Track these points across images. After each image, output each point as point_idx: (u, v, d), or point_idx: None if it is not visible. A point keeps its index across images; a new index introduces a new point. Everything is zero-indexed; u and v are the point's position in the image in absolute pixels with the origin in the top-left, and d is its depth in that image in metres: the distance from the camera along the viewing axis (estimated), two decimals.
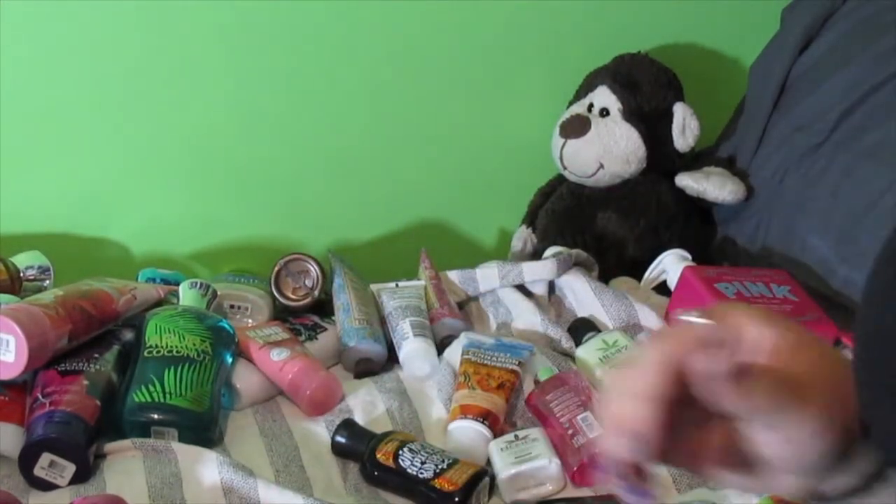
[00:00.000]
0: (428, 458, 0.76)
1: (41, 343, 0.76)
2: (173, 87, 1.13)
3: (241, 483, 0.73)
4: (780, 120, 1.14)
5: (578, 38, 1.25)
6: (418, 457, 0.76)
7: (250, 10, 1.11)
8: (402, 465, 0.76)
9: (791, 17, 1.21)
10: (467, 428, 0.82)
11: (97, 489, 0.73)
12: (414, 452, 0.77)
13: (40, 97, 1.10)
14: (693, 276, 0.96)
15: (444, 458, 0.77)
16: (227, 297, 1.01)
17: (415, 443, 0.79)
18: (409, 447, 0.77)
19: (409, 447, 0.77)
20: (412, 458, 0.76)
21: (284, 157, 1.21)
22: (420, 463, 0.76)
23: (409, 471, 0.76)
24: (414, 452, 0.77)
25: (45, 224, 1.15)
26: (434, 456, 0.77)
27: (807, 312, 0.90)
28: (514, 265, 1.05)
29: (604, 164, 1.15)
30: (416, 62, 1.21)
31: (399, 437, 0.80)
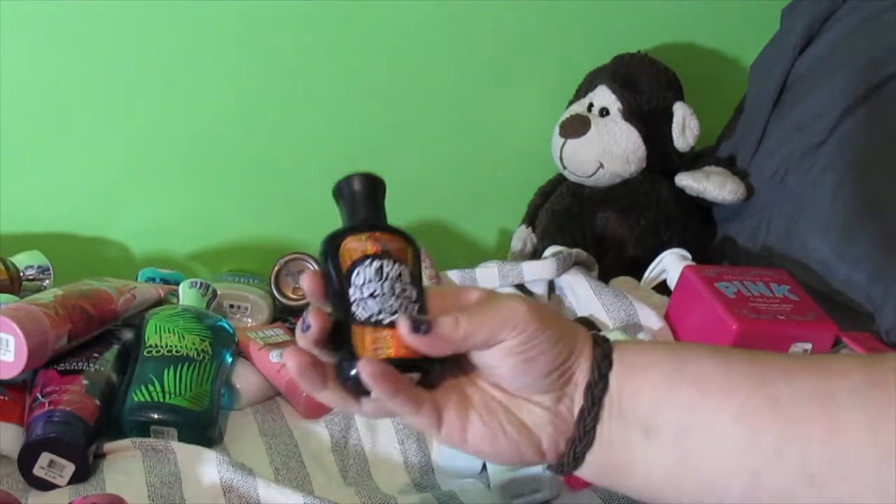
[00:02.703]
0: (385, 293, 0.51)
1: (41, 343, 0.76)
2: (173, 87, 1.13)
3: (240, 482, 0.73)
4: (780, 120, 1.14)
5: (578, 38, 1.25)
6: (375, 285, 0.51)
7: (250, 10, 1.11)
8: (350, 281, 0.52)
9: (791, 17, 1.21)
10: None
11: (97, 489, 0.73)
12: (379, 275, 0.51)
13: (40, 97, 1.10)
14: (693, 275, 0.96)
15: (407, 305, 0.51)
16: (227, 297, 1.01)
17: (399, 264, 0.52)
18: (382, 263, 0.52)
19: (381, 262, 0.52)
20: (367, 280, 0.51)
21: (284, 156, 1.21)
22: (369, 293, 0.51)
23: (351, 295, 0.51)
24: (379, 275, 0.51)
25: (45, 224, 1.15)
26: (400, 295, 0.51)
27: (807, 312, 0.90)
28: (514, 265, 1.05)
29: (604, 163, 1.15)
30: (416, 62, 1.21)
31: (385, 240, 0.53)
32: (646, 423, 0.48)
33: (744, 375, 0.47)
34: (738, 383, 0.46)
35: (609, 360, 0.49)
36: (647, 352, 0.51)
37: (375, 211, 0.55)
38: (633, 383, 0.49)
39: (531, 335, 0.48)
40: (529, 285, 1.05)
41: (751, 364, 0.47)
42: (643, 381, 0.49)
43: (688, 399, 0.47)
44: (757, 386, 0.46)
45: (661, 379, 0.48)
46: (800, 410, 0.44)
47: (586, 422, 0.49)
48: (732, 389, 0.46)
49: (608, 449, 0.50)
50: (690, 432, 0.47)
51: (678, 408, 0.47)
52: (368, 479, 0.81)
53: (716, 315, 0.89)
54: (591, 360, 0.50)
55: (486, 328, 0.48)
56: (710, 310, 0.90)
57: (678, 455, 0.47)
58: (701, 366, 0.48)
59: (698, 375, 0.48)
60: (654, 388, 0.48)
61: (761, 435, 0.45)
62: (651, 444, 0.48)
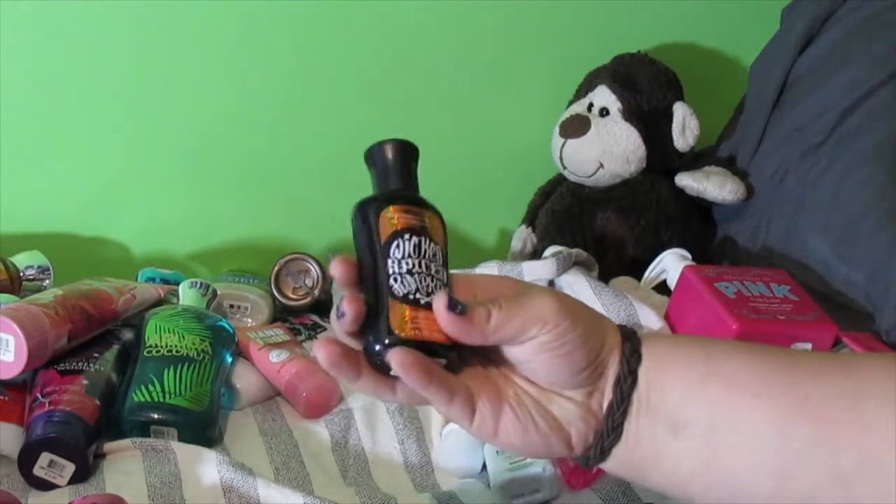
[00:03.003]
0: (422, 271, 0.50)
1: (41, 343, 0.76)
2: (173, 88, 1.13)
3: (240, 482, 0.73)
4: (780, 120, 1.14)
5: (578, 38, 1.25)
6: (413, 260, 0.50)
7: (250, 10, 1.11)
8: (389, 253, 0.50)
9: (791, 17, 1.21)
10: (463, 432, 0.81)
11: (97, 489, 0.73)
12: (417, 251, 0.50)
13: (40, 97, 1.10)
14: (693, 275, 0.96)
15: (441, 286, 0.50)
16: (227, 297, 1.01)
17: (434, 243, 0.52)
18: (421, 239, 0.51)
19: (420, 238, 0.51)
20: (406, 254, 0.50)
21: (284, 156, 1.21)
22: (407, 269, 0.49)
23: (389, 267, 0.49)
24: (417, 251, 0.50)
25: (45, 224, 1.15)
26: (435, 276, 0.50)
27: (807, 312, 0.90)
28: (514, 265, 1.05)
29: (604, 163, 1.15)
30: (416, 62, 1.21)
31: (424, 216, 0.53)
32: (674, 419, 0.48)
33: (774, 373, 0.46)
34: (769, 381, 0.46)
35: (638, 355, 0.49)
36: (676, 346, 0.50)
37: (413, 182, 0.54)
38: (663, 378, 0.48)
39: (562, 332, 0.47)
40: None
41: (781, 362, 0.47)
42: (672, 376, 0.48)
43: (717, 396, 0.47)
44: (787, 384, 0.46)
45: (691, 375, 0.48)
46: (829, 410, 0.44)
47: (615, 417, 0.49)
48: (763, 388, 0.46)
49: (635, 444, 0.49)
50: (720, 430, 0.46)
51: (707, 405, 0.47)
52: (368, 479, 0.81)
53: (716, 315, 0.89)
54: (621, 354, 0.49)
55: (516, 322, 0.47)
56: (710, 310, 0.90)
57: (707, 452, 0.47)
58: (731, 363, 0.48)
59: (728, 373, 0.47)
60: (683, 384, 0.48)
61: (791, 434, 0.45)
62: (679, 440, 0.48)
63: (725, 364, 0.48)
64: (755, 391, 0.46)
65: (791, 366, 0.47)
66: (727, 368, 0.47)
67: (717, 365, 0.48)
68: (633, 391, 0.48)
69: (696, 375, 0.48)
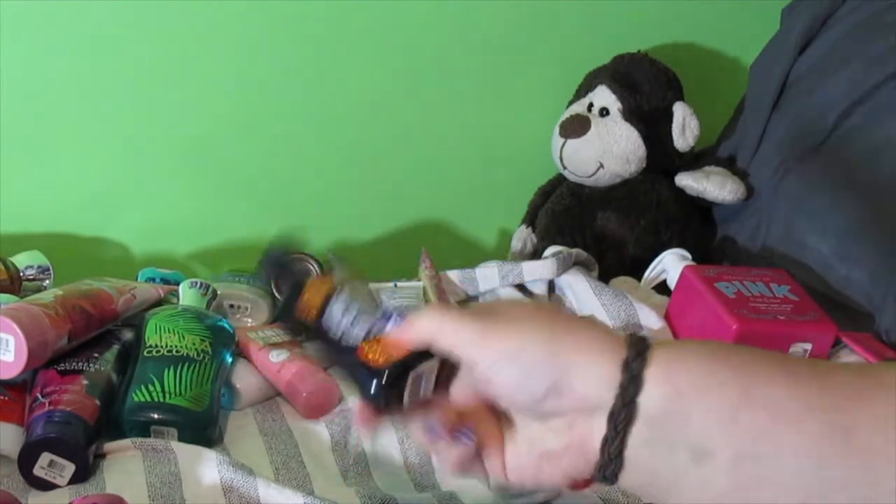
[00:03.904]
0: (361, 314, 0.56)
1: (41, 343, 0.76)
2: (174, 88, 1.13)
3: (240, 482, 0.73)
4: (780, 120, 1.14)
5: (578, 38, 1.25)
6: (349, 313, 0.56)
7: (250, 10, 1.11)
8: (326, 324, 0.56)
9: (791, 17, 1.21)
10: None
11: (97, 489, 0.73)
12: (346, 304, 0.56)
13: (40, 97, 1.10)
14: (693, 275, 0.96)
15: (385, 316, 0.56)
16: (227, 297, 1.01)
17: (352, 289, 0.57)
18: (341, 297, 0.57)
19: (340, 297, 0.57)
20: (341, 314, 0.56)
21: (284, 157, 1.21)
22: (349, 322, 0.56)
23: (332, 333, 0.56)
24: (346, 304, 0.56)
25: (45, 224, 1.15)
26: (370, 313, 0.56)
27: (807, 312, 0.90)
28: (514, 265, 1.05)
29: (604, 163, 1.15)
30: (416, 62, 1.21)
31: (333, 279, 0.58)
32: (696, 448, 0.44)
33: (814, 401, 0.43)
34: (809, 410, 0.43)
35: (639, 381, 0.45)
36: (708, 371, 0.45)
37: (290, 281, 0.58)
38: (683, 407, 0.44)
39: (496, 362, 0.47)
40: (529, 285, 1.05)
41: (821, 385, 0.43)
42: (699, 405, 0.44)
43: (754, 425, 0.43)
44: (829, 413, 0.42)
45: (724, 403, 0.44)
46: (871, 441, 0.42)
47: (611, 450, 0.46)
48: (804, 417, 0.43)
49: (647, 473, 0.46)
50: (753, 460, 0.43)
51: (741, 434, 0.43)
52: (368, 479, 0.81)
53: (716, 315, 0.89)
54: (621, 379, 0.45)
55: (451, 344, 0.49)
56: (709, 310, 0.90)
57: (733, 482, 0.44)
58: (772, 388, 0.43)
59: (768, 400, 0.43)
60: (712, 413, 0.44)
61: (829, 467, 0.42)
62: (702, 468, 0.44)
63: (765, 390, 0.43)
64: (797, 421, 0.43)
65: (834, 388, 0.43)
66: (767, 395, 0.43)
67: (757, 392, 0.43)
68: (630, 424, 0.45)
69: (730, 404, 0.44)
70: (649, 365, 0.45)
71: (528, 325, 0.47)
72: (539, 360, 0.46)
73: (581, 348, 0.46)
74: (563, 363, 0.45)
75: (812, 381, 0.44)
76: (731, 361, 0.45)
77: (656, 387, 0.44)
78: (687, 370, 0.45)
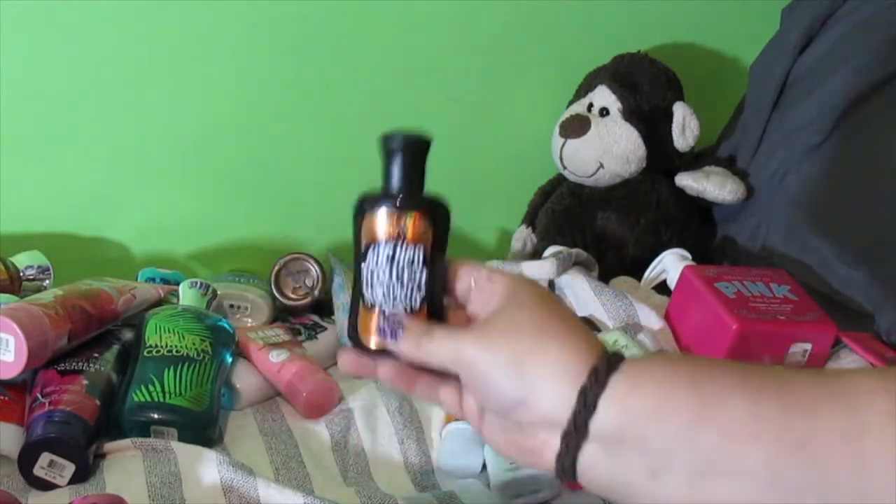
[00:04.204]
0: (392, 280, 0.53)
1: (41, 343, 0.76)
2: (173, 87, 1.13)
3: (240, 482, 0.73)
4: (780, 120, 1.14)
5: (578, 38, 1.25)
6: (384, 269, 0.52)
7: (250, 10, 1.11)
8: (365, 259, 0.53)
9: (791, 17, 1.21)
10: (463, 430, 0.81)
11: (97, 489, 0.73)
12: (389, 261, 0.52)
13: (40, 97, 1.10)
14: (693, 275, 0.96)
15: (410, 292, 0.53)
16: (227, 297, 1.01)
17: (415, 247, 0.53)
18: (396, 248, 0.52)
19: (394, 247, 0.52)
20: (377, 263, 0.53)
21: (284, 157, 1.21)
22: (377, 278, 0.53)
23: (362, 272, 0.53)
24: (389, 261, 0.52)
25: (45, 224, 1.15)
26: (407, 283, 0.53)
27: (807, 312, 0.90)
28: (514, 265, 1.05)
29: (604, 163, 1.15)
30: (416, 62, 1.21)
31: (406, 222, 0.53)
32: (654, 467, 0.46)
33: (773, 416, 0.44)
34: (767, 426, 0.44)
35: (592, 406, 0.47)
36: (663, 395, 0.46)
37: (408, 182, 0.55)
38: (639, 431, 0.46)
39: (474, 375, 0.50)
40: None
41: (780, 400, 0.44)
42: (653, 429, 0.46)
43: (710, 444, 0.45)
44: (785, 428, 0.44)
45: (681, 423, 0.45)
46: (826, 450, 0.43)
47: (564, 463, 0.48)
48: (760, 433, 0.44)
49: (603, 485, 0.49)
50: (708, 476, 0.45)
51: (697, 453, 0.45)
52: (368, 479, 0.81)
53: (716, 315, 0.89)
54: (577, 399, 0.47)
55: (441, 355, 0.51)
56: (710, 310, 0.90)
57: (689, 494, 0.45)
58: (728, 409, 0.45)
59: (725, 420, 0.45)
60: (667, 435, 0.45)
61: (784, 478, 0.43)
62: (658, 483, 0.46)
63: (723, 412, 0.45)
64: (753, 438, 0.44)
65: (790, 402, 0.44)
66: (724, 416, 0.45)
67: (714, 413, 0.45)
68: (582, 441, 0.47)
69: (687, 423, 0.45)
70: (607, 391, 0.47)
71: (499, 343, 0.50)
72: (507, 380, 0.49)
73: (545, 372, 0.48)
74: (527, 385, 0.48)
75: (770, 394, 0.45)
76: (689, 382, 0.46)
77: (609, 412, 0.46)
78: (644, 395, 0.47)
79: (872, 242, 0.98)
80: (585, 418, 0.47)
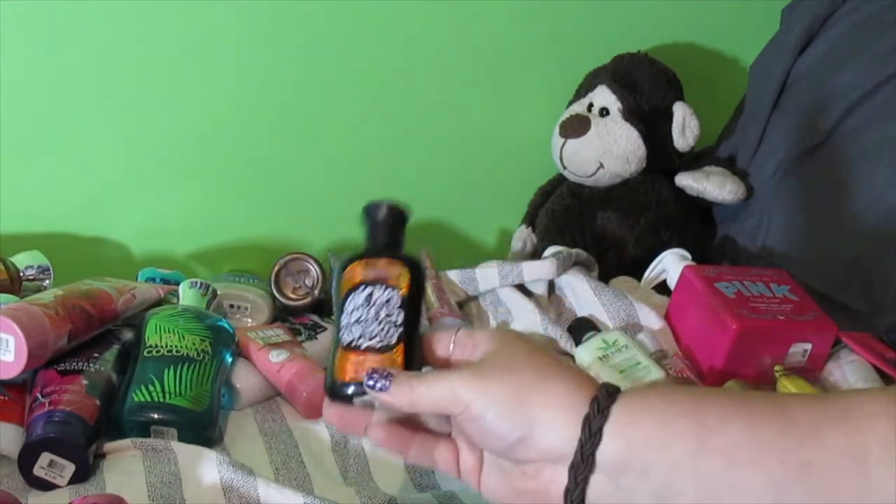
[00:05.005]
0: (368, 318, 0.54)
1: (41, 343, 0.76)
2: (173, 87, 1.13)
3: (240, 482, 0.73)
4: (780, 120, 1.14)
5: (578, 38, 1.25)
6: (361, 310, 0.54)
7: (251, 10, 1.11)
8: (343, 308, 0.55)
9: (791, 17, 1.21)
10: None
11: (97, 489, 0.73)
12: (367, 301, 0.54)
13: (40, 97, 1.10)
14: (693, 275, 0.96)
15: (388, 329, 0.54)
16: (227, 297, 1.01)
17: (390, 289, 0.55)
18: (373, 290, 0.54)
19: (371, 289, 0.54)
20: (356, 306, 0.54)
21: (284, 157, 1.21)
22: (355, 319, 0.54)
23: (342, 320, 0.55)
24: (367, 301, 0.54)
25: (45, 224, 1.15)
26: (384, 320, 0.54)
27: (807, 312, 0.90)
28: (514, 265, 1.05)
29: (604, 163, 1.15)
30: (416, 62, 1.21)
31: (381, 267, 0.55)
32: (658, 494, 0.46)
33: (772, 440, 0.44)
34: (767, 450, 0.44)
35: (598, 436, 0.47)
36: (663, 423, 0.47)
37: (384, 238, 0.57)
38: (643, 459, 0.46)
39: (471, 415, 0.49)
40: (529, 285, 1.05)
41: (779, 423, 0.45)
42: (656, 457, 0.46)
43: (711, 471, 0.45)
44: (787, 451, 0.44)
45: (681, 453, 0.45)
46: (830, 474, 0.43)
47: (573, 498, 0.48)
48: (760, 457, 0.44)
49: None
50: (713, 502, 0.45)
51: (699, 480, 0.45)
52: (368, 479, 0.81)
53: (716, 315, 0.89)
54: (582, 432, 0.47)
55: (430, 403, 0.50)
56: (709, 310, 0.90)
57: None
58: (726, 434, 0.45)
59: (725, 446, 0.45)
60: (668, 464, 0.46)
61: (790, 500, 0.43)
62: None
63: (721, 437, 0.45)
64: (753, 463, 0.44)
65: (791, 426, 0.44)
66: (723, 441, 0.45)
67: (712, 438, 0.45)
68: (589, 475, 0.47)
69: (687, 452, 0.45)
70: (610, 419, 0.47)
71: (496, 383, 0.49)
72: (507, 416, 0.48)
73: (547, 405, 0.48)
74: (527, 419, 0.48)
75: (769, 419, 0.45)
76: (687, 411, 0.47)
77: (613, 441, 0.47)
78: (644, 423, 0.47)
79: (872, 242, 0.98)
80: (592, 448, 0.47)
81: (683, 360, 0.91)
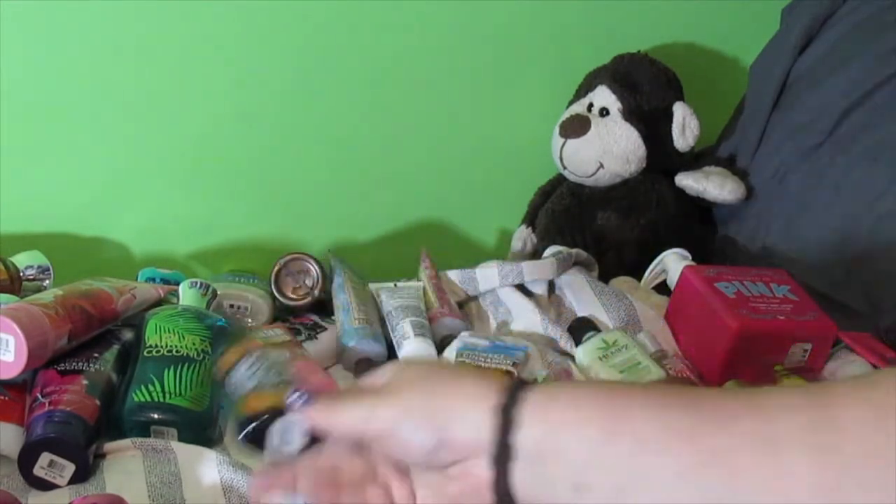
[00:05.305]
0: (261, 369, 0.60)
1: (41, 343, 0.76)
2: (173, 87, 1.13)
3: (240, 482, 0.73)
4: (780, 120, 1.14)
5: (578, 38, 1.25)
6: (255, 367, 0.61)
7: (250, 9, 1.11)
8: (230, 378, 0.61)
9: (791, 17, 1.21)
10: None
11: (97, 489, 0.73)
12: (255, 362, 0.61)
13: (40, 97, 1.10)
14: (693, 275, 0.96)
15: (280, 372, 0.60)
16: (227, 297, 1.01)
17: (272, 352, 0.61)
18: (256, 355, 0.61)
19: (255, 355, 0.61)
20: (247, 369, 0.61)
21: (284, 157, 1.21)
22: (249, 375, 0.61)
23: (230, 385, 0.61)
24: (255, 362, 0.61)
25: (45, 224, 1.15)
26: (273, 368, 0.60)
27: (807, 312, 0.90)
28: (514, 265, 1.05)
29: (604, 163, 1.15)
30: (416, 62, 1.21)
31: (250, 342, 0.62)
32: (576, 481, 0.46)
33: (682, 427, 0.45)
34: (677, 436, 0.44)
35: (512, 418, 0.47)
36: (575, 407, 0.47)
37: None
38: (558, 443, 0.47)
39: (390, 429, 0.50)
40: (529, 285, 1.05)
41: (689, 411, 0.45)
42: (570, 440, 0.46)
43: (623, 457, 0.45)
44: (697, 437, 0.44)
45: (593, 436, 0.46)
46: (742, 459, 0.43)
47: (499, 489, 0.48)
48: (671, 444, 0.44)
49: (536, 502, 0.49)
50: (629, 490, 0.45)
51: (613, 467, 0.45)
52: None
53: (715, 315, 0.89)
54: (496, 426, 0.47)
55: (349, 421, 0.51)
56: (709, 310, 0.90)
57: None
58: (635, 421, 0.46)
59: (634, 431, 0.45)
60: (583, 447, 0.46)
61: (705, 488, 0.43)
62: (582, 498, 0.46)
63: (630, 424, 0.46)
64: (664, 449, 0.44)
65: (701, 414, 0.45)
66: (633, 427, 0.45)
67: (622, 425, 0.46)
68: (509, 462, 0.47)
69: (599, 437, 0.46)
70: (524, 406, 0.47)
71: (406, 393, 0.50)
72: (420, 423, 0.49)
73: (458, 400, 0.49)
74: (441, 419, 0.49)
75: (681, 409, 0.45)
76: (599, 399, 0.47)
77: (531, 426, 0.47)
78: (558, 408, 0.47)
79: (872, 243, 0.98)
80: (508, 433, 0.47)
81: (683, 360, 0.91)
